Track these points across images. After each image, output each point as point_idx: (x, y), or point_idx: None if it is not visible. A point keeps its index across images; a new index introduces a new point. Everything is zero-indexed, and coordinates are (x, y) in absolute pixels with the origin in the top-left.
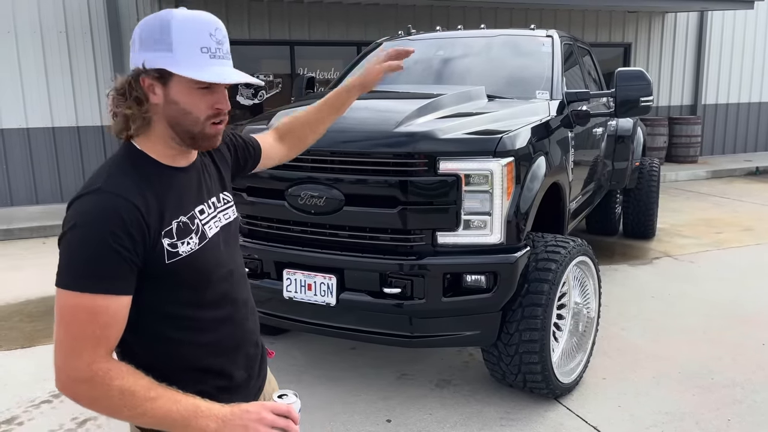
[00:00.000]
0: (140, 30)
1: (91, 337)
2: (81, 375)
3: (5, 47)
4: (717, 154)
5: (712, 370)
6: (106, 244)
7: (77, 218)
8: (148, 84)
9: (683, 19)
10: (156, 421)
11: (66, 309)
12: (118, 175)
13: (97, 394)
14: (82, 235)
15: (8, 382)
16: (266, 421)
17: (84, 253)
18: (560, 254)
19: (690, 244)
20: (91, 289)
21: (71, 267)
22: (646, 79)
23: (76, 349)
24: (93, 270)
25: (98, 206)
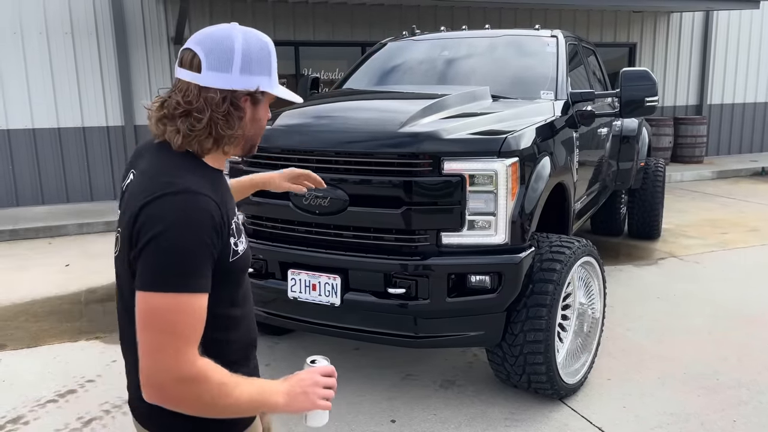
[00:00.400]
0: (244, 53)
1: (193, 335)
2: (188, 374)
3: (11, 48)
4: (723, 154)
5: (718, 371)
6: (203, 243)
7: (170, 218)
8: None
9: (688, 18)
10: (243, 408)
11: (168, 311)
12: (191, 175)
13: (201, 391)
14: (180, 235)
15: (14, 382)
16: (320, 383)
17: (183, 254)
18: (565, 255)
19: (695, 245)
20: (194, 288)
21: (173, 268)
22: (651, 79)
23: (182, 349)
24: (193, 269)
25: (190, 205)
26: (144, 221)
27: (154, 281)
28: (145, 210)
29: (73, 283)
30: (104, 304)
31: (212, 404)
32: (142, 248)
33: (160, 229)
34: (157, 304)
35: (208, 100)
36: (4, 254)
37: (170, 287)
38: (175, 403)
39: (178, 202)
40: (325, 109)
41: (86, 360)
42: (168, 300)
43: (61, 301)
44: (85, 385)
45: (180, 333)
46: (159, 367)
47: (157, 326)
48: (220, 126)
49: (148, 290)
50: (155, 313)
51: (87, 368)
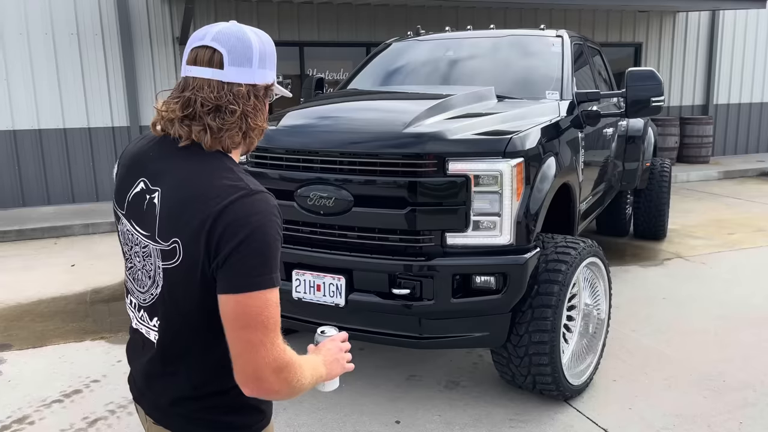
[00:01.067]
0: (261, 48)
1: (278, 326)
2: (283, 362)
3: (17, 49)
4: (729, 154)
5: (724, 372)
6: (280, 239)
7: (257, 218)
8: (263, 96)
9: (694, 18)
10: (308, 383)
11: (263, 307)
12: (245, 175)
13: (292, 375)
14: (264, 237)
15: (19, 382)
16: (342, 348)
17: (272, 251)
18: (570, 255)
19: (701, 245)
20: (278, 282)
21: (262, 268)
22: (657, 79)
23: (275, 341)
24: (276, 265)
25: (267, 205)
26: (227, 225)
27: (249, 283)
28: (224, 215)
29: (78, 283)
30: (109, 304)
31: (298, 386)
32: (231, 252)
33: (246, 233)
34: (254, 303)
35: (236, 93)
36: (11, 254)
37: (264, 285)
38: (274, 391)
39: (256, 203)
40: (329, 109)
41: (91, 360)
42: (263, 298)
43: (66, 302)
44: (90, 386)
45: (273, 326)
46: (262, 362)
47: (255, 324)
48: (250, 118)
49: (243, 292)
50: (253, 312)
51: (92, 368)
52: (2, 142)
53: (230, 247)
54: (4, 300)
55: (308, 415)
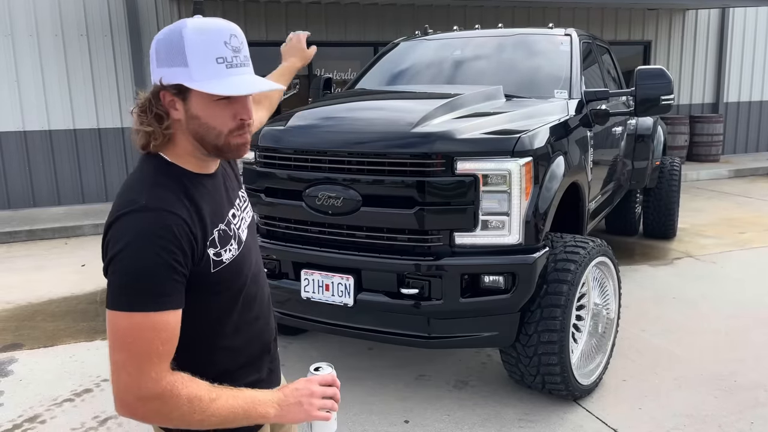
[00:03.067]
0: (156, 45)
1: (155, 353)
2: (151, 392)
3: (28, 50)
4: (739, 152)
5: (735, 372)
6: (162, 261)
7: (128, 237)
8: (169, 100)
9: (704, 16)
10: (222, 420)
11: (128, 330)
12: (157, 189)
13: (168, 408)
14: (137, 255)
15: (31, 381)
16: (317, 393)
17: (142, 273)
18: (579, 255)
19: (712, 245)
20: (153, 307)
21: (130, 287)
22: (666, 77)
23: (143, 368)
24: (152, 288)
25: (149, 223)
26: (108, 240)
27: (114, 300)
28: (111, 230)
29: (89, 283)
30: None
31: (184, 419)
32: (107, 267)
33: (119, 249)
34: (118, 323)
35: (151, 94)
36: (22, 254)
37: (128, 306)
38: (142, 418)
39: (137, 220)
40: (337, 109)
41: (102, 359)
42: (127, 319)
43: (77, 301)
44: (101, 385)
45: (142, 352)
46: (122, 385)
47: (119, 345)
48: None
49: (110, 309)
50: (117, 332)
51: (103, 368)
52: (13, 143)
53: (107, 262)
54: (16, 300)
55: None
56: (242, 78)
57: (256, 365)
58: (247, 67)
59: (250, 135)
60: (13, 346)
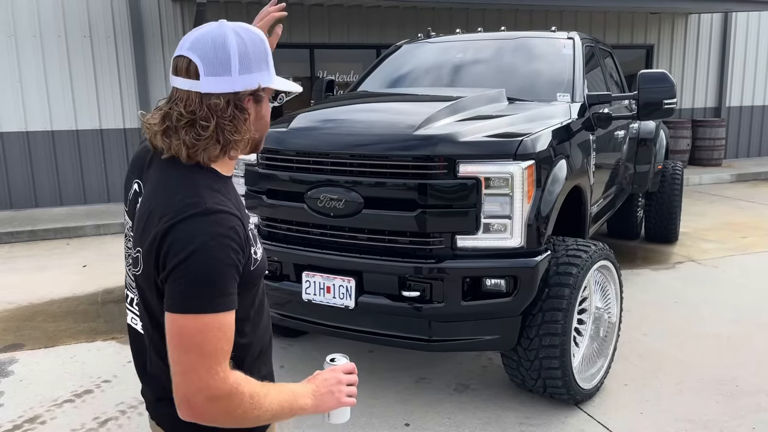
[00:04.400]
0: (238, 50)
1: (222, 353)
2: (220, 392)
3: (31, 51)
4: (742, 157)
5: (737, 377)
6: (231, 263)
7: (197, 241)
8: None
9: (707, 20)
10: (273, 414)
11: (198, 333)
12: (212, 193)
13: (234, 406)
14: (207, 259)
15: (31, 382)
16: (344, 381)
17: (214, 275)
18: (581, 258)
19: (714, 249)
20: (221, 308)
21: (202, 291)
22: (669, 81)
23: (212, 368)
24: (222, 289)
25: (219, 227)
26: (171, 243)
27: (185, 304)
28: (172, 233)
29: (90, 283)
30: (120, 304)
31: (245, 416)
32: (171, 271)
33: (188, 252)
34: (188, 325)
35: (212, 106)
36: (23, 255)
37: (201, 309)
38: (210, 419)
39: (205, 224)
40: (340, 111)
41: (102, 360)
42: (198, 321)
43: (78, 302)
44: (101, 386)
45: (211, 352)
46: (193, 387)
47: (188, 347)
48: (227, 131)
49: (179, 312)
50: (186, 335)
51: (103, 369)
52: (15, 144)
53: (172, 266)
54: (17, 300)
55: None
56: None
57: (266, 365)
58: None
59: None
60: (14, 347)
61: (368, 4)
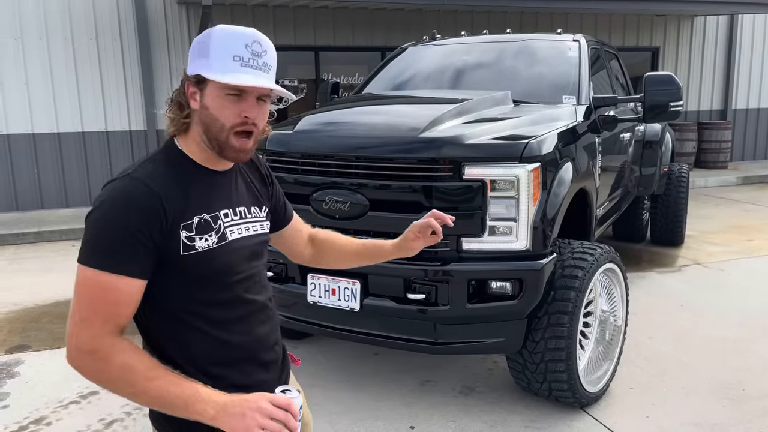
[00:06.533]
0: (193, 42)
1: (100, 312)
2: (86, 347)
3: (37, 53)
4: (748, 159)
5: (743, 381)
6: (123, 227)
7: (103, 199)
8: (191, 91)
9: (713, 22)
10: (153, 401)
11: (81, 283)
12: (148, 166)
13: (98, 367)
14: (104, 216)
15: (37, 383)
16: (265, 411)
17: (102, 233)
18: (587, 261)
19: (720, 252)
20: (104, 267)
21: (90, 244)
22: (675, 83)
23: (85, 321)
24: (108, 249)
25: (123, 190)
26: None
27: (80, 254)
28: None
29: None
30: None
31: (114, 386)
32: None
33: (94, 207)
34: (79, 275)
35: (180, 85)
36: (29, 256)
37: (84, 261)
38: (79, 369)
39: (115, 186)
40: (345, 113)
41: None
42: (82, 273)
43: None
44: None
45: (89, 306)
46: (68, 330)
47: (75, 293)
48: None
49: (77, 261)
50: (77, 283)
51: None
52: (21, 145)
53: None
54: (23, 301)
55: (322, 418)
56: (252, 77)
57: (237, 369)
58: (263, 73)
59: (253, 143)
60: (20, 348)
61: (373, 6)
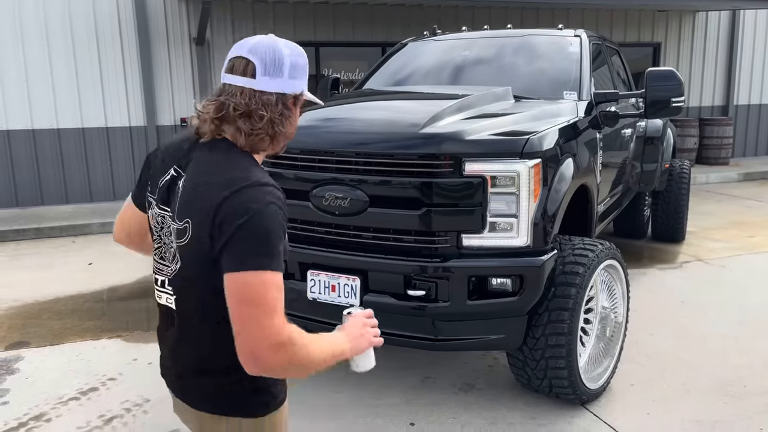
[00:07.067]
0: (290, 59)
1: (279, 307)
2: (280, 339)
3: (37, 49)
4: (749, 155)
5: (744, 378)
6: (281, 228)
7: (256, 206)
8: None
9: (714, 17)
10: (322, 361)
11: (260, 287)
12: (257, 170)
13: (292, 353)
14: (267, 222)
15: (37, 379)
16: (367, 324)
17: (270, 236)
18: (588, 258)
19: (721, 248)
20: (277, 267)
21: (262, 249)
22: (677, 79)
23: (272, 320)
24: (276, 251)
25: (272, 196)
26: (228, 212)
27: (247, 262)
28: (228, 202)
29: (95, 281)
30: (126, 302)
31: (302, 364)
32: (231, 235)
33: (248, 217)
34: (251, 282)
35: (265, 101)
36: (29, 252)
37: (261, 266)
38: (273, 367)
39: (259, 193)
40: (345, 109)
41: (108, 358)
42: (259, 278)
43: (84, 300)
44: (107, 384)
45: (271, 306)
46: (257, 338)
47: (251, 302)
48: (276, 124)
49: (242, 270)
50: (249, 291)
51: (109, 366)
52: (22, 141)
53: (231, 230)
54: (23, 298)
55: (321, 415)
56: None
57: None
58: None
59: None
60: (20, 344)
61: (373, 2)
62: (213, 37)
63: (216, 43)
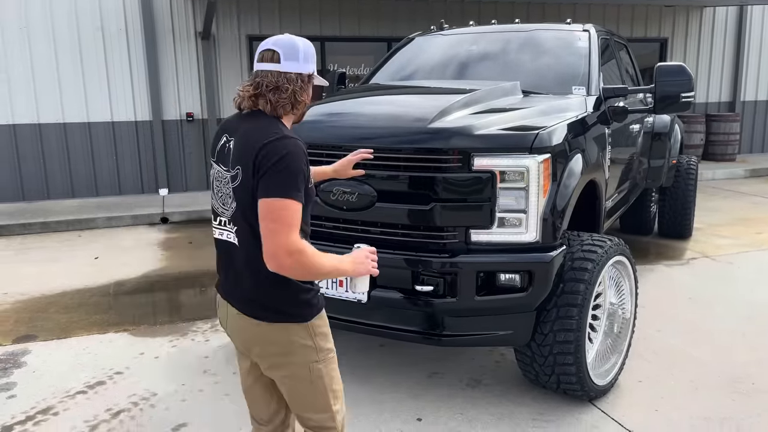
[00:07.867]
0: (303, 49)
1: (295, 225)
2: (295, 246)
3: (44, 44)
4: (756, 152)
5: (752, 374)
6: (303, 169)
7: (287, 150)
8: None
9: (722, 13)
10: (327, 272)
11: (283, 209)
12: (285, 128)
13: (303, 259)
14: (292, 163)
15: (44, 373)
16: (369, 256)
17: (295, 173)
18: (597, 254)
19: (728, 245)
20: (297, 197)
21: (288, 181)
22: (687, 74)
23: (289, 233)
24: (297, 185)
25: (297, 144)
26: (265, 154)
27: (276, 190)
28: (266, 148)
29: (102, 275)
30: (132, 296)
31: (310, 270)
32: (266, 171)
33: (279, 157)
34: (277, 205)
35: (289, 78)
36: (36, 246)
37: (286, 194)
38: (287, 268)
39: (287, 142)
40: (352, 104)
41: (115, 352)
42: (283, 202)
43: (90, 294)
44: (114, 377)
45: (289, 223)
46: (277, 244)
47: (276, 218)
48: (297, 94)
49: (272, 197)
50: (275, 210)
51: (116, 360)
52: (28, 136)
53: (266, 168)
54: (30, 291)
55: None
56: None
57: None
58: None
59: None
60: (27, 338)
61: None
62: (218, 32)
63: (222, 38)
